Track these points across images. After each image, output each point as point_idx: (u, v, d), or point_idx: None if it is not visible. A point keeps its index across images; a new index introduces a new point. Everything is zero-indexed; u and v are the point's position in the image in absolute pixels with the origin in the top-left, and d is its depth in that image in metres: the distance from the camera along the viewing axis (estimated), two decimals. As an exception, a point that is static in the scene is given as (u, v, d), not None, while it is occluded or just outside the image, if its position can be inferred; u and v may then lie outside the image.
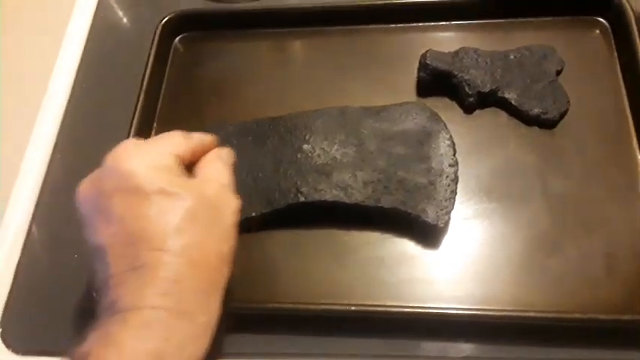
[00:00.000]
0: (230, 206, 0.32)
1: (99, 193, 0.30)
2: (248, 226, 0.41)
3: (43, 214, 0.46)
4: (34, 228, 0.45)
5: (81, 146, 0.49)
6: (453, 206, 0.40)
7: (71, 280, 0.42)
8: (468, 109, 0.46)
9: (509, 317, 0.37)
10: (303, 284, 0.40)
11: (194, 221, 0.29)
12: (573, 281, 0.39)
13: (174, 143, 0.33)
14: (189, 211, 0.29)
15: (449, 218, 0.40)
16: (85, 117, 0.50)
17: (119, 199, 0.29)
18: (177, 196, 0.29)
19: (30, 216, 0.46)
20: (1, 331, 0.41)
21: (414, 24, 0.51)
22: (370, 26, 0.51)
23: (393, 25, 0.51)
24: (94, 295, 0.30)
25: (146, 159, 0.31)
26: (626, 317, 0.36)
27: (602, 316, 0.36)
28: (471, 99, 0.45)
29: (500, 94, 0.45)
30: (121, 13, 0.57)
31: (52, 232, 0.45)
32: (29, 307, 0.42)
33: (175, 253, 0.28)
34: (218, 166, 0.34)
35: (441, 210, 0.39)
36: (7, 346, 0.41)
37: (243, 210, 0.41)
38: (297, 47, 0.52)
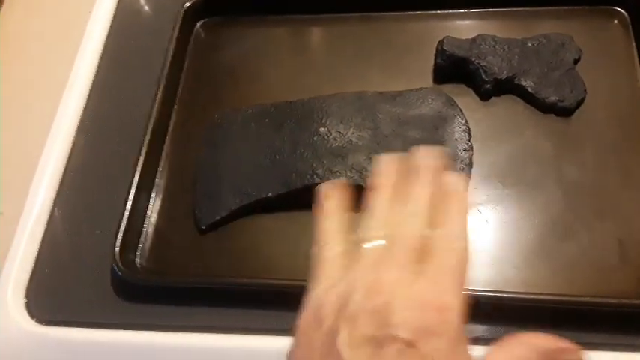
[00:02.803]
0: None
1: None
2: (265, 206, 0.43)
3: (67, 191, 0.47)
4: (58, 203, 0.47)
5: (103, 129, 0.50)
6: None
7: (93, 254, 0.43)
8: (485, 96, 0.46)
9: (520, 299, 0.38)
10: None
11: None
12: (585, 267, 0.39)
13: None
14: None
15: (462, 202, 0.40)
16: (107, 100, 0.52)
17: None
18: None
19: (55, 192, 0.47)
20: (26, 302, 0.43)
21: (433, 11, 0.51)
22: (388, 13, 0.52)
23: (412, 13, 0.51)
24: None
25: None
26: (637, 301, 0.36)
27: (612, 300, 0.37)
28: (488, 85, 0.45)
29: (516, 81, 0.45)
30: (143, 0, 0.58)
31: (75, 208, 0.46)
32: (53, 280, 0.44)
33: None
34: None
35: (455, 193, 0.40)
36: (32, 316, 0.42)
37: (260, 190, 0.43)
38: (316, 33, 0.53)
